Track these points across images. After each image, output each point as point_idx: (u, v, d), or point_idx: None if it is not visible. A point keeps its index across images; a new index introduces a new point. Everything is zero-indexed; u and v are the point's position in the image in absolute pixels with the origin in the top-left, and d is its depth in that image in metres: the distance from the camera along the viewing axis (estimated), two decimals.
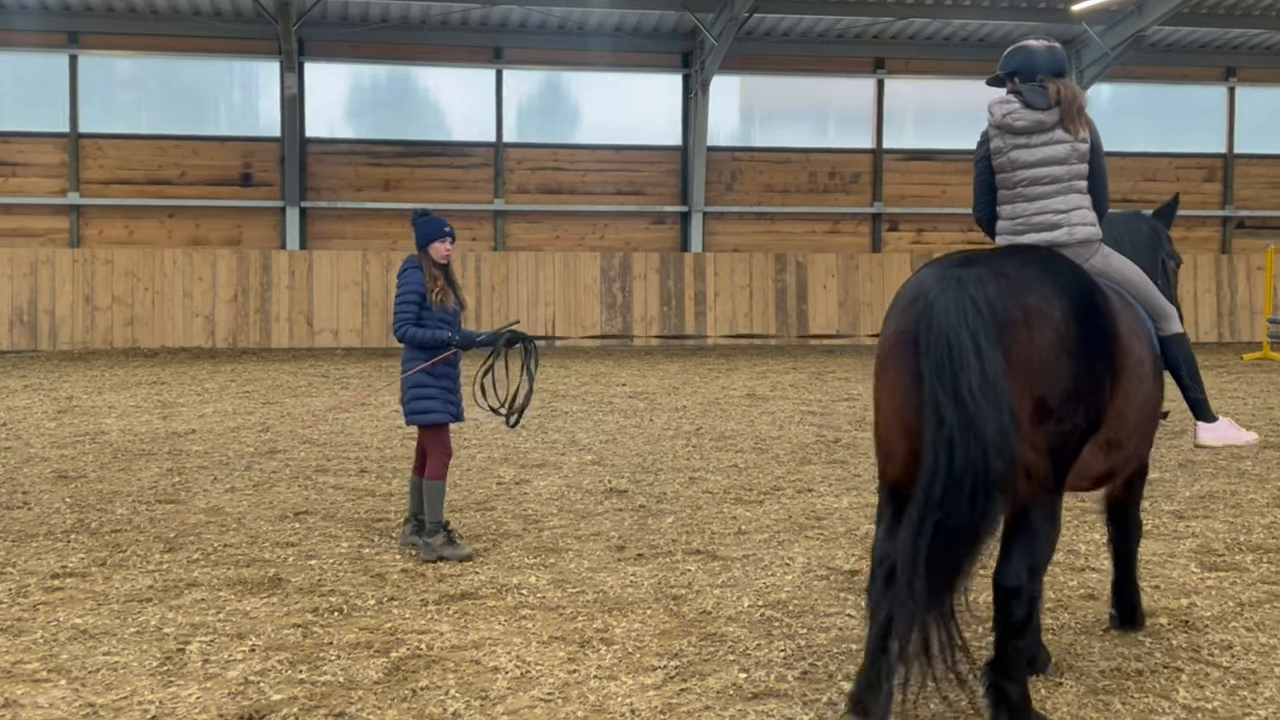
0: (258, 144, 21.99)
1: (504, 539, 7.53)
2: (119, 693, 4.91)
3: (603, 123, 23.18)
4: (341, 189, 22.15)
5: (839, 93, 23.91)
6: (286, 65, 20.96)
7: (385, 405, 13.76)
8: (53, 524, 7.87)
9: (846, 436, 11.56)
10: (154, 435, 11.59)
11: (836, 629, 5.74)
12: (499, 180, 22.58)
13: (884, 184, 23.56)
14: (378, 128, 22.69)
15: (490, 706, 4.79)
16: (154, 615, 5.92)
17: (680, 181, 23.09)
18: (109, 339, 20.51)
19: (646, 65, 23.09)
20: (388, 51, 22.33)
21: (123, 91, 22.21)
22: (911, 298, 4.49)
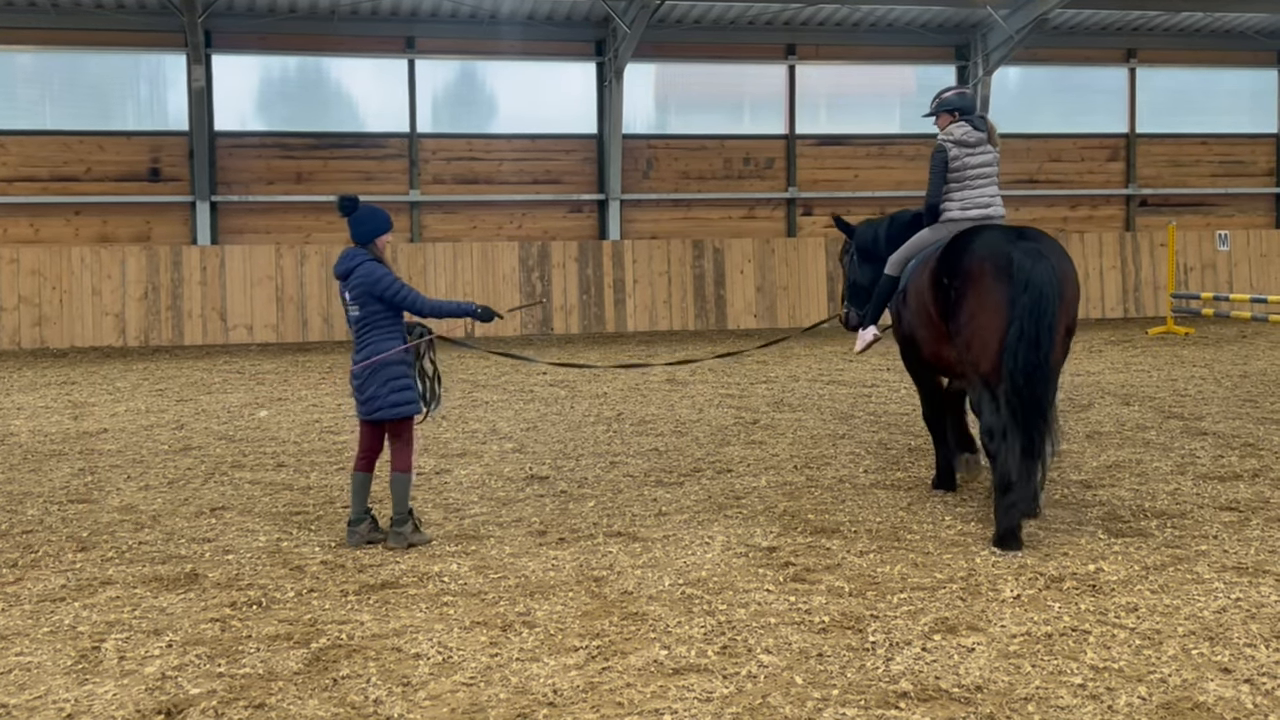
0: (166, 138, 21.59)
1: (425, 528, 7.51)
2: (33, 692, 4.84)
3: (518, 112, 23.10)
4: (253, 182, 21.83)
5: (752, 79, 24.06)
6: (193, 58, 20.59)
7: (302, 399, 13.62)
8: None
9: (765, 418, 11.68)
10: (65, 435, 11.36)
11: (755, 604, 5.83)
12: (414, 171, 22.41)
13: (798, 169, 23.78)
14: (289, 119, 22.37)
15: (412, 692, 4.80)
16: (68, 614, 5.84)
17: (597, 169, 23.10)
18: (16, 339, 20.03)
19: (560, 54, 23.04)
20: (297, 42, 22.02)
21: (25, 87, 21.66)
22: (1005, 263, 7.03)
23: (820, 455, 9.74)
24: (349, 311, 7.14)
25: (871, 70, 24.56)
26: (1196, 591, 5.95)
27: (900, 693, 4.74)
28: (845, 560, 6.60)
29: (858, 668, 5.01)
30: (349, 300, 7.09)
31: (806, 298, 22.85)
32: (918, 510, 7.77)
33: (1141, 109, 25.24)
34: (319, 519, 7.82)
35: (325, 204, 21.97)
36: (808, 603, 5.84)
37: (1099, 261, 24.07)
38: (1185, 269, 24.33)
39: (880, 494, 8.27)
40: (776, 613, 5.70)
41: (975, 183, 8.24)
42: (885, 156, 24.19)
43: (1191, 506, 7.77)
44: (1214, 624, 5.46)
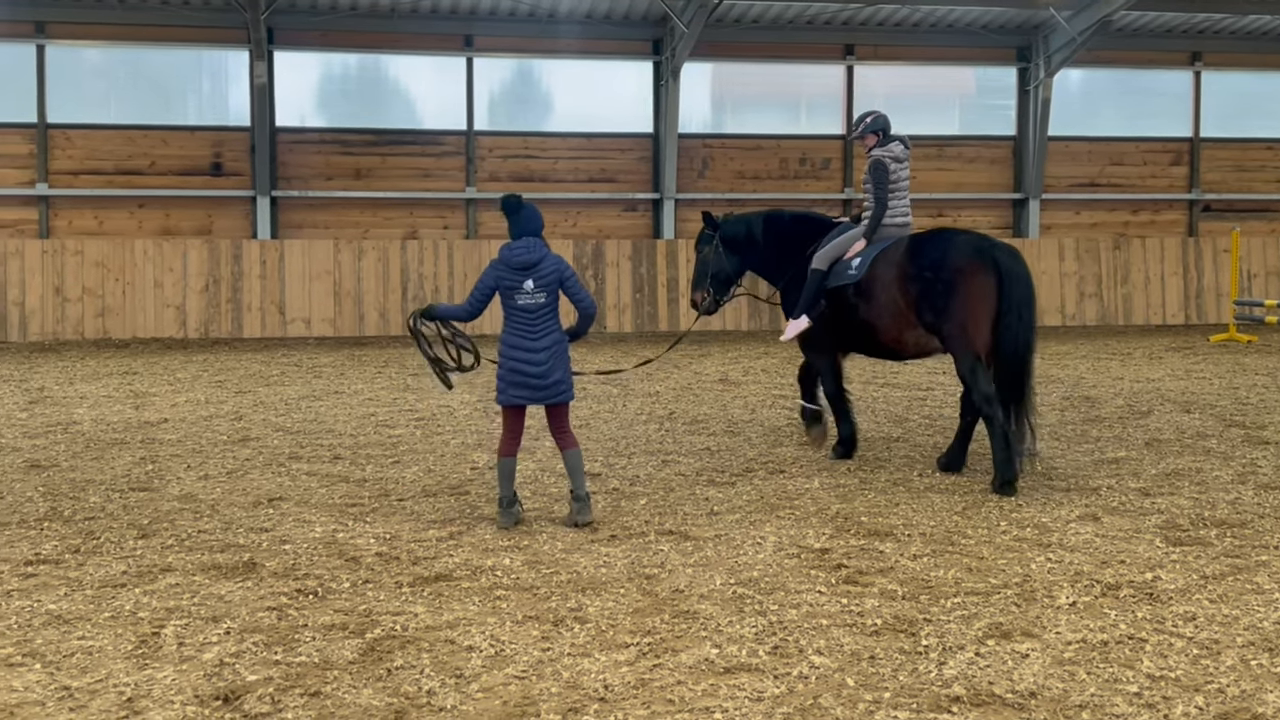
0: (228, 133, 21.87)
1: (478, 523, 7.57)
2: (94, 675, 4.93)
3: (574, 110, 23.16)
4: (312, 178, 22.06)
5: (809, 79, 23.96)
6: (256, 54, 20.85)
7: (358, 393, 13.75)
8: (25, 512, 7.86)
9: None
10: (126, 424, 11.56)
11: (807, 605, 5.82)
12: (470, 168, 22.54)
13: (854, 170, 23.64)
14: (348, 116, 22.59)
15: (465, 684, 4.84)
16: (128, 600, 5.94)
17: (652, 168, 23.11)
18: (80, 330, 20.39)
19: (617, 52, 23.08)
20: (358, 39, 22.23)
21: (91, 81, 22.03)
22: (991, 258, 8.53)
23: (874, 458, 9.69)
24: (527, 299, 7.37)
25: (930, 71, 24.38)
26: (1256, 602, 5.86)
27: (953, 697, 4.71)
28: (898, 563, 6.57)
29: (910, 671, 4.99)
30: (534, 288, 7.37)
31: None
32: (972, 515, 7.71)
33: (1206, 113, 24.86)
34: (374, 511, 7.90)
35: (383, 200, 22.18)
36: (860, 605, 5.82)
37: (1160, 267, 23.75)
38: (1248, 275, 23.93)
39: (934, 497, 8.22)
40: (828, 614, 5.69)
41: (901, 194, 9.43)
42: (944, 158, 24.01)
43: (1252, 516, 7.65)
44: (1274, 635, 5.38)
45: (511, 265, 7.42)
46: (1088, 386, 14.18)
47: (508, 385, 7.46)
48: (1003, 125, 24.40)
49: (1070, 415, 11.95)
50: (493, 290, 7.49)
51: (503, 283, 7.43)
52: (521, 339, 7.43)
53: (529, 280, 7.39)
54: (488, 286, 7.50)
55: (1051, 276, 23.30)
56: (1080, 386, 14.18)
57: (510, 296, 7.43)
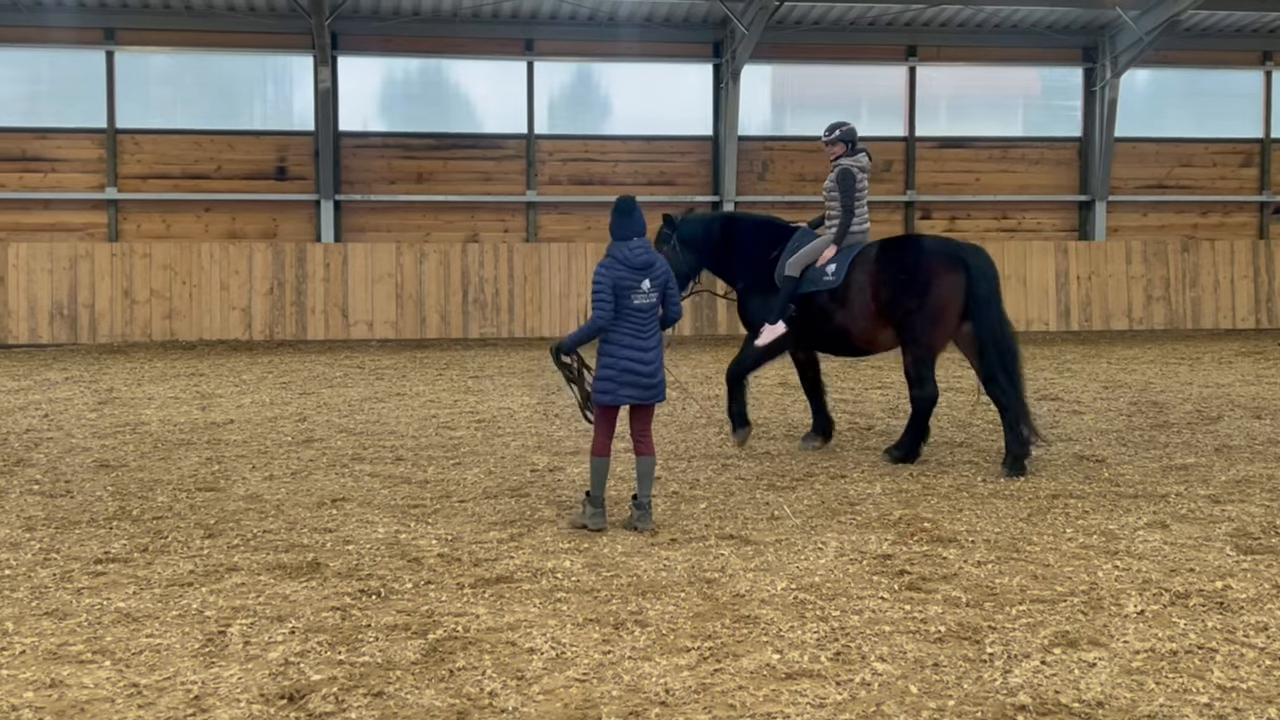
0: (292, 138, 22.14)
1: (538, 525, 7.60)
2: (162, 673, 5.01)
3: (633, 113, 23.17)
4: (375, 182, 22.27)
5: (871, 80, 23.80)
6: (320, 59, 21.08)
7: (419, 395, 13.85)
8: (95, 511, 8.00)
9: (880, 424, 11.55)
10: (193, 425, 11.73)
11: (869, 611, 5.77)
12: (531, 171, 22.64)
13: (917, 172, 23.45)
14: (410, 120, 22.77)
15: (526, 686, 4.86)
16: (195, 599, 6.02)
17: (712, 171, 23.07)
18: (148, 332, 20.73)
19: (677, 55, 23.07)
20: (420, 44, 22.41)
21: (159, 87, 22.40)
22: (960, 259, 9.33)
23: (937, 462, 9.59)
24: (642, 299, 7.41)
25: (994, 72, 24.10)
26: None
27: (1018, 705, 4.65)
28: (962, 570, 6.50)
29: (974, 679, 4.93)
30: (649, 288, 7.43)
31: None
32: (1037, 521, 7.61)
33: (1277, 113, 24.36)
34: (436, 512, 7.95)
35: (444, 203, 22.32)
36: (923, 612, 5.77)
37: (1230, 270, 23.31)
38: None
39: (999, 503, 8.12)
40: (891, 621, 5.64)
41: (863, 202, 9.90)
42: (1008, 160, 23.74)
43: None
44: None
45: (632, 265, 7.41)
46: (1155, 391, 13.95)
47: (618, 385, 7.40)
48: (1068, 126, 24.07)
49: (1138, 420, 11.77)
50: (611, 291, 7.40)
51: (621, 282, 7.38)
52: (634, 338, 7.42)
53: (646, 280, 7.42)
54: (607, 288, 7.39)
55: (1118, 279, 22.96)
56: (1148, 391, 13.95)
57: (626, 296, 7.39)
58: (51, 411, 12.67)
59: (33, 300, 20.45)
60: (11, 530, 7.48)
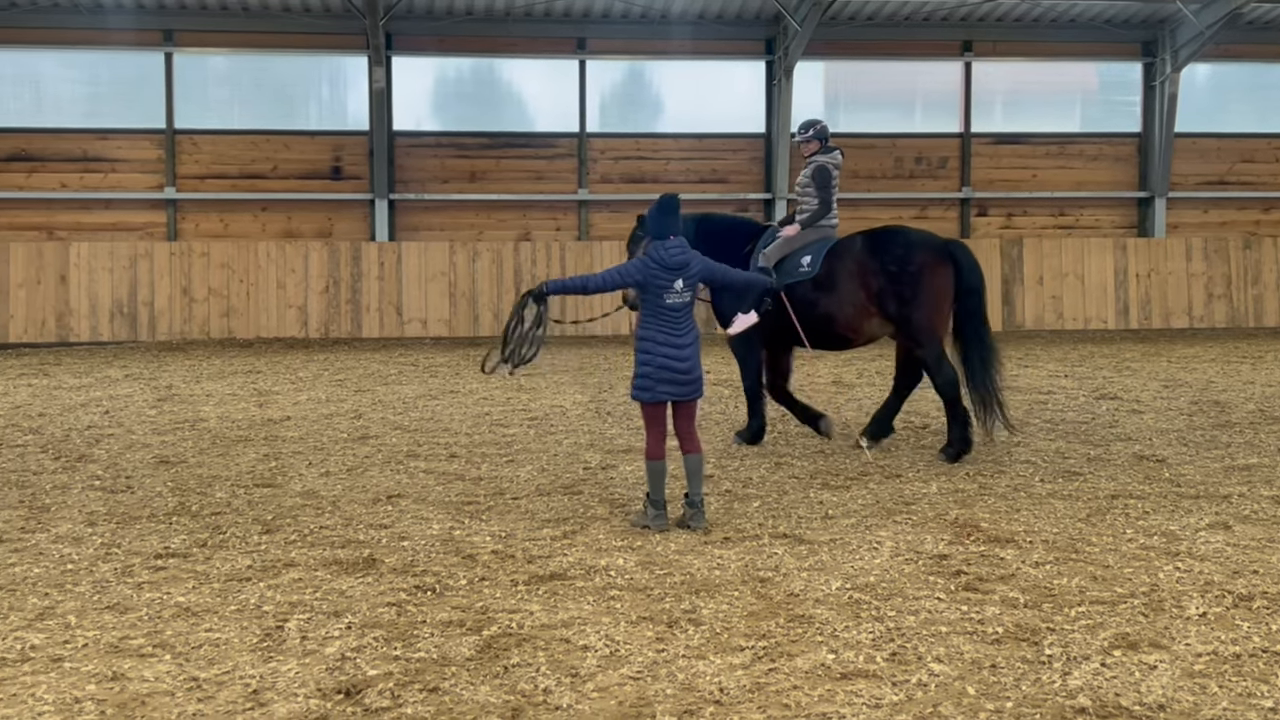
0: (347, 138, 22.34)
1: (591, 522, 7.60)
2: (221, 667, 5.06)
3: (685, 111, 23.15)
4: (428, 181, 22.42)
5: (925, 77, 23.61)
6: (374, 60, 21.26)
7: (473, 393, 13.92)
8: (155, 507, 8.11)
9: (935, 423, 11.45)
10: (251, 422, 11.86)
11: (925, 612, 5.72)
12: (582, 170, 22.68)
13: (972, 168, 23.23)
14: (463, 120, 22.90)
15: (581, 683, 4.86)
16: (253, 594, 6.09)
17: (764, 169, 23.00)
18: (206, 329, 21.00)
19: (729, 53, 23.01)
20: (473, 44, 22.52)
21: (216, 88, 22.68)
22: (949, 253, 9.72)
23: (993, 462, 9.50)
24: (675, 299, 7.44)
25: (1052, 67, 23.83)
26: None
27: (1078, 708, 4.59)
28: (1020, 571, 6.42)
29: (1033, 681, 4.87)
30: (682, 288, 7.45)
31: None
32: (1096, 522, 7.51)
33: None
34: (489, 509, 7.98)
35: (497, 202, 22.42)
36: (980, 613, 5.70)
37: None
38: None
39: (1057, 504, 8.02)
40: (948, 621, 5.58)
41: (834, 199, 10.23)
42: (1065, 156, 23.46)
43: None
44: None
45: (666, 264, 7.44)
46: (1217, 390, 13.72)
47: (655, 382, 7.43)
48: (1127, 122, 23.74)
49: (1199, 420, 11.58)
50: (635, 283, 7.48)
51: (653, 281, 7.42)
52: (669, 336, 7.45)
53: (679, 280, 7.45)
54: (630, 278, 7.48)
55: (1178, 277, 22.62)
56: (1209, 390, 13.73)
57: (659, 295, 7.43)
58: (112, 408, 12.87)
59: (94, 299, 20.78)
60: (74, 525, 7.60)
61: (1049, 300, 22.37)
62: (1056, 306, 22.36)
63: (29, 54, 21.92)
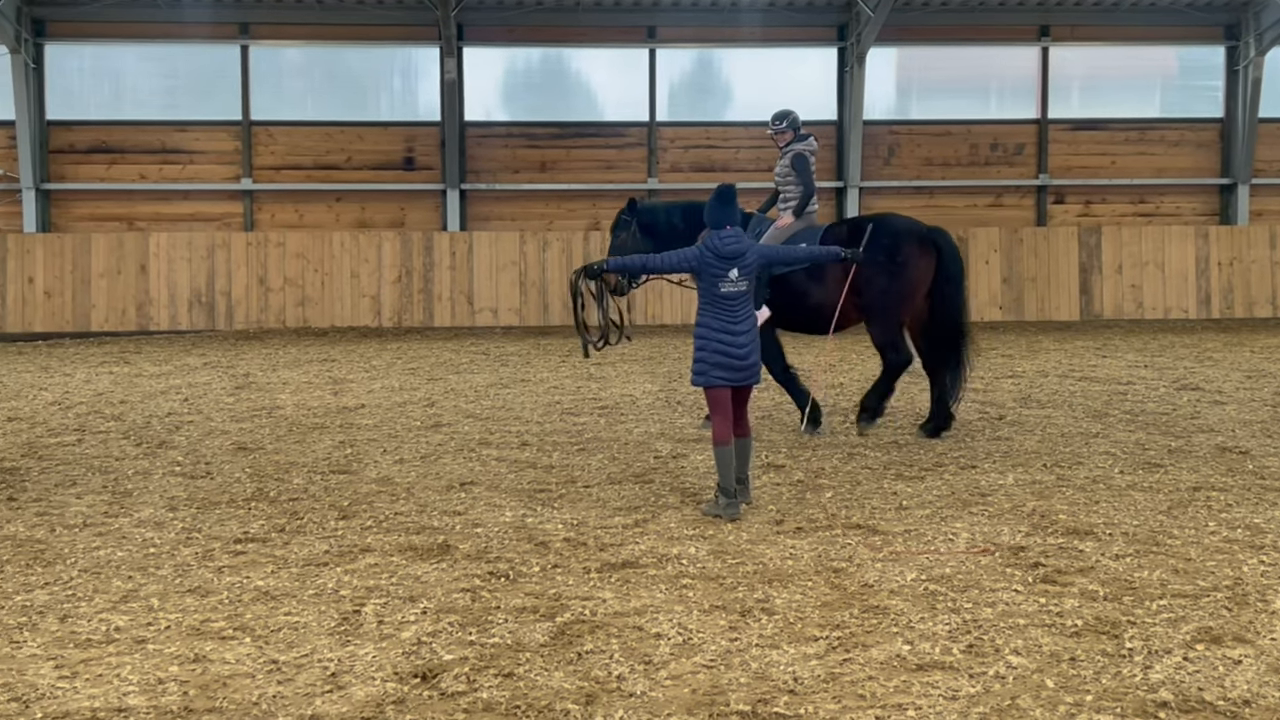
0: (419, 128, 22.53)
1: (663, 511, 7.60)
2: (300, 650, 5.13)
3: (755, 99, 22.99)
4: (499, 171, 22.54)
5: (1001, 62, 23.27)
6: (446, 50, 21.40)
7: (543, 381, 13.98)
8: (234, 493, 8.25)
9: (1011, 414, 11.30)
10: (326, 409, 12.01)
11: (1003, 604, 5.64)
12: (652, 159, 22.67)
13: (1049, 155, 22.88)
14: (533, 110, 22.99)
15: (654, 671, 4.86)
16: (331, 578, 6.16)
17: (836, 156, 22.83)
18: (281, 318, 21.31)
19: (800, 40, 22.86)
20: (543, 34, 22.60)
21: (291, 80, 22.99)
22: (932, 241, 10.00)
23: (1072, 454, 9.35)
24: (730, 287, 7.53)
25: (1130, 52, 23.38)
26: None
27: (1159, 702, 4.50)
28: (1099, 563, 6.32)
29: (1113, 674, 4.79)
30: (737, 276, 7.52)
31: (1056, 290, 21.97)
32: (1178, 515, 7.36)
33: None
34: (561, 497, 8.01)
35: (567, 192, 22.48)
36: (1059, 605, 5.62)
37: None
38: None
39: (1137, 496, 7.88)
40: (1025, 614, 5.51)
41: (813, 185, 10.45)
42: (1145, 142, 23.01)
43: None
44: None
45: (721, 254, 7.52)
46: None
47: (710, 367, 7.54)
48: (1208, 107, 23.23)
49: None
50: (689, 269, 7.64)
51: (708, 269, 7.53)
52: (725, 323, 7.55)
53: (734, 269, 7.52)
54: (687, 264, 7.63)
55: (1262, 265, 22.11)
56: None
57: (713, 284, 7.53)
58: (191, 396, 13.10)
59: (173, 288, 21.19)
60: (156, 510, 7.75)
61: (1128, 289, 21.98)
62: (1136, 296, 21.97)
63: (109, 48, 22.37)
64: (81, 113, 22.20)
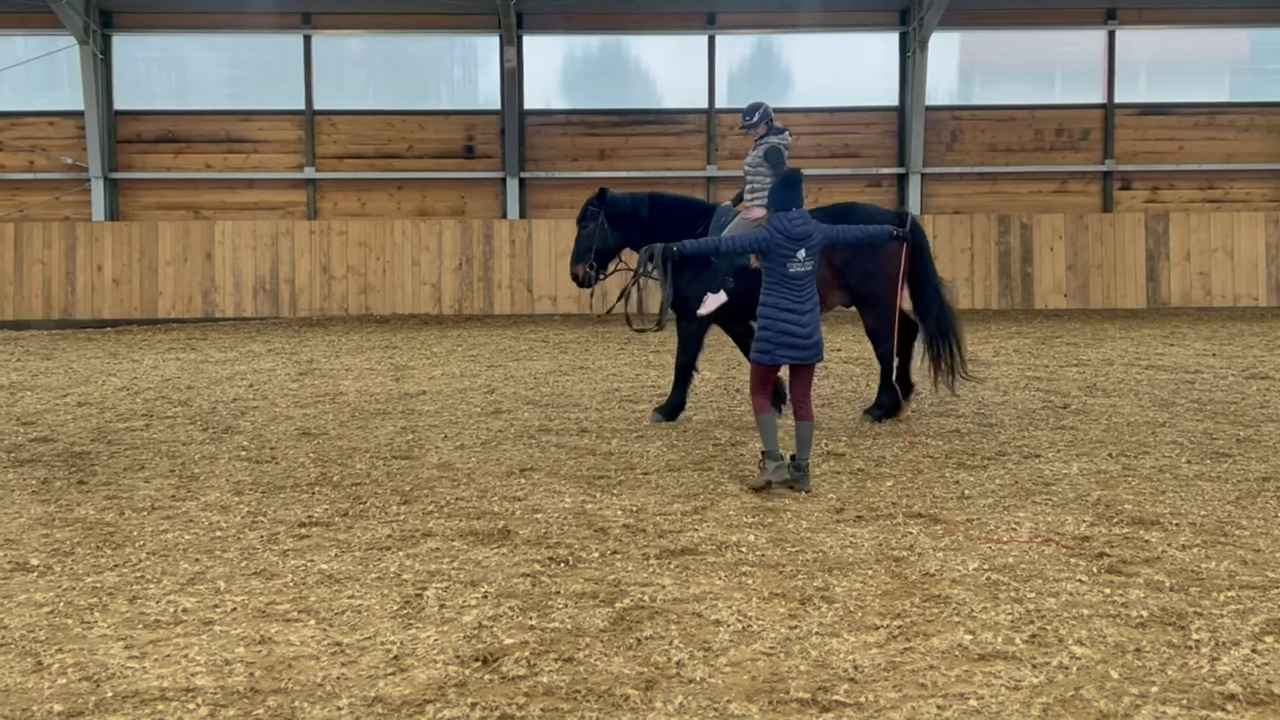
0: (479, 117, 22.61)
1: (722, 498, 7.60)
2: (363, 633, 5.19)
3: (815, 85, 22.84)
4: (558, 159, 22.58)
5: (1066, 46, 22.88)
6: (506, 39, 21.46)
7: (602, 369, 14.01)
8: (299, 477, 8.36)
9: (1076, 403, 11.16)
10: (388, 396, 12.13)
11: (1066, 594, 5.58)
12: (711, 146, 22.58)
13: (1116, 140, 22.48)
14: (592, 98, 22.98)
15: (713, 658, 4.86)
16: (393, 562, 6.23)
17: (897, 143, 22.61)
18: (344, 306, 21.52)
19: (861, 24, 22.65)
20: (602, 21, 22.58)
21: (353, 69, 23.16)
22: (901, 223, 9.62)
23: (1138, 443, 9.21)
24: (798, 268, 7.74)
25: (1200, 34, 22.91)
26: None
27: (1227, 695, 4.43)
28: (1165, 554, 6.23)
29: (1179, 666, 4.73)
30: (805, 257, 7.75)
31: (1123, 277, 21.62)
32: (1247, 505, 7.23)
33: None
34: (620, 484, 8.03)
35: (626, 179, 22.43)
36: (1124, 595, 5.55)
37: None
38: None
39: (1205, 486, 7.75)
40: (1090, 604, 5.44)
41: None
42: (1214, 127, 22.55)
43: None
44: None
45: (791, 235, 7.74)
46: None
47: (775, 346, 7.75)
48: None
49: None
50: (759, 250, 7.83)
51: (777, 250, 7.72)
52: (792, 303, 7.75)
53: (802, 250, 7.73)
54: (756, 246, 7.83)
55: None
56: None
57: (781, 264, 7.73)
58: (256, 382, 13.29)
59: (238, 276, 21.47)
60: (222, 494, 7.87)
61: (1196, 277, 21.58)
62: (1204, 283, 21.57)
63: (175, 39, 22.68)
64: (148, 103, 22.51)
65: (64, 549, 6.57)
